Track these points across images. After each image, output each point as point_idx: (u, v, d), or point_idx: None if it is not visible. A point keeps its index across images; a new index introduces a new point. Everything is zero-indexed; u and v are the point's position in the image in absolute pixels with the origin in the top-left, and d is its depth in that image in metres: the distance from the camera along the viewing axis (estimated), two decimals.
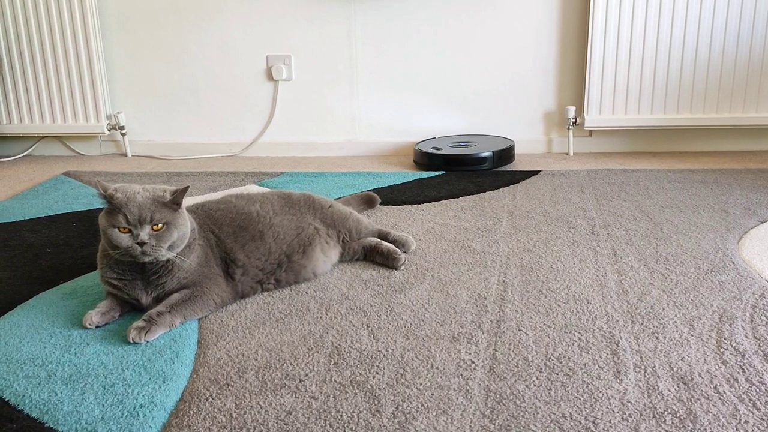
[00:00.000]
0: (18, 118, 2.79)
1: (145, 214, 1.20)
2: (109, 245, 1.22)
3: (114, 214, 1.20)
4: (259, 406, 1.00)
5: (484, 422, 0.94)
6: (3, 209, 2.05)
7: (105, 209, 1.23)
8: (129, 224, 1.19)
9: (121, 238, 1.20)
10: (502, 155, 2.42)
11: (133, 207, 1.20)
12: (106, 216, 1.22)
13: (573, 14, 2.56)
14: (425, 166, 2.44)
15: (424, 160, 2.46)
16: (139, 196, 1.21)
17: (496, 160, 2.39)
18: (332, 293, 1.38)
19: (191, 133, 2.82)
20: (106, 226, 1.21)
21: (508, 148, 2.46)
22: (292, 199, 1.53)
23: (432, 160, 2.43)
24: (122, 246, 1.20)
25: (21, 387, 1.06)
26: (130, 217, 1.19)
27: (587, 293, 1.35)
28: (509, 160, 2.46)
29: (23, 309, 1.35)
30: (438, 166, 2.41)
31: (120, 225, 1.19)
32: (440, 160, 2.42)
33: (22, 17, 2.67)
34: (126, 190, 1.22)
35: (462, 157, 2.40)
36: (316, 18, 2.66)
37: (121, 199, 1.21)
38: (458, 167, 2.38)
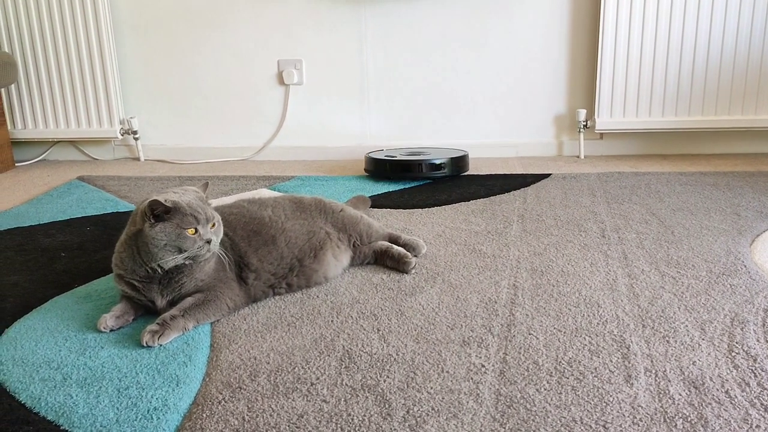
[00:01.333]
0: (33, 123, 2.82)
1: (208, 213, 1.26)
2: (175, 250, 1.23)
3: (181, 218, 1.22)
4: (271, 409, 1.00)
5: (495, 426, 0.95)
6: (18, 213, 2.08)
7: (163, 219, 1.22)
8: (198, 224, 1.23)
9: (191, 240, 1.23)
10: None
11: (197, 208, 1.24)
12: (170, 224, 1.22)
13: (583, 18, 2.56)
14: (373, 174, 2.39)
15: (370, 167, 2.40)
16: (192, 198, 1.26)
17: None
18: (343, 297, 1.39)
19: (203, 138, 2.84)
20: (177, 232, 1.22)
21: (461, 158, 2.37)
22: (304, 204, 1.54)
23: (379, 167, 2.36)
24: (193, 247, 1.23)
25: (37, 390, 1.08)
26: (199, 218, 1.23)
27: (598, 297, 1.35)
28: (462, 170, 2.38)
29: (39, 312, 1.37)
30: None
31: (190, 227, 1.22)
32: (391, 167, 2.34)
33: (37, 24, 2.70)
34: (177, 197, 1.25)
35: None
36: (327, 23, 2.67)
37: (184, 203, 1.24)
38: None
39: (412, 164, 2.32)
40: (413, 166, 2.32)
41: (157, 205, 1.21)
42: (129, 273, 1.29)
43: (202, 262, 1.29)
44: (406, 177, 2.33)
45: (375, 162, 2.38)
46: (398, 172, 2.33)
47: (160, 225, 1.23)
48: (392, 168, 2.34)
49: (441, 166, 2.31)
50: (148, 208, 1.21)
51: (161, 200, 1.21)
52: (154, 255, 1.24)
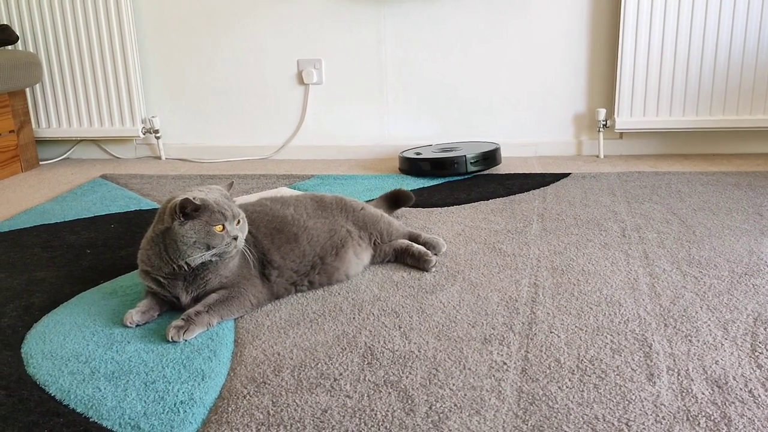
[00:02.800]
0: (56, 122, 2.87)
1: (235, 210, 1.29)
2: (205, 248, 1.25)
3: (210, 216, 1.25)
4: (296, 404, 1.02)
5: (517, 423, 0.95)
6: (44, 211, 2.11)
7: (192, 217, 1.24)
8: (226, 221, 1.25)
9: (219, 237, 1.25)
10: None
11: (224, 205, 1.27)
12: (198, 221, 1.24)
13: (603, 17, 2.55)
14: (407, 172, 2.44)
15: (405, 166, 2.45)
16: (218, 196, 1.29)
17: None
18: (364, 294, 1.40)
19: (223, 137, 2.87)
20: (207, 229, 1.24)
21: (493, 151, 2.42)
22: (325, 202, 1.56)
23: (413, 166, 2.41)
24: (221, 244, 1.25)
25: (66, 383, 1.10)
26: (227, 215, 1.26)
27: (619, 296, 1.35)
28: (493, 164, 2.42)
29: (66, 308, 1.39)
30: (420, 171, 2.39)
31: (218, 224, 1.25)
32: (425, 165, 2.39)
33: (61, 25, 2.75)
34: (203, 195, 1.28)
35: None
36: (347, 22, 2.69)
37: (211, 201, 1.26)
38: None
39: (447, 161, 2.35)
40: (447, 163, 2.35)
41: (188, 204, 1.23)
42: (155, 270, 1.31)
43: (227, 260, 1.31)
44: (443, 174, 2.36)
45: (410, 161, 2.42)
46: (437, 169, 2.36)
47: (189, 223, 1.25)
48: (431, 165, 2.38)
49: (476, 162, 2.35)
50: (179, 206, 1.23)
51: (191, 198, 1.23)
52: (182, 252, 1.26)
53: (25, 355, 1.20)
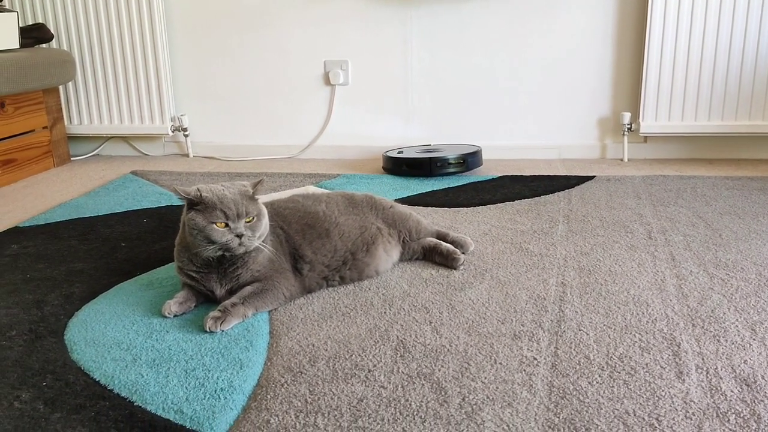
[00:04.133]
0: (88, 119, 2.93)
1: (241, 209, 1.28)
2: (206, 241, 1.27)
3: (209, 212, 1.27)
4: (332, 393, 1.05)
5: (549, 416, 0.98)
6: (78, 205, 2.17)
7: (194, 210, 1.28)
8: (228, 219, 1.27)
9: (219, 233, 1.26)
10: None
11: (228, 203, 1.27)
12: (200, 215, 1.27)
13: (629, 20, 2.57)
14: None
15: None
16: (229, 193, 1.29)
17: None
18: (394, 290, 1.43)
19: (250, 135, 2.92)
20: (204, 224, 1.26)
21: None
22: (355, 200, 1.59)
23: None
24: (220, 240, 1.27)
25: (110, 369, 1.14)
26: (228, 213, 1.27)
27: (646, 296, 1.37)
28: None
29: (105, 298, 1.44)
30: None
31: (218, 221, 1.27)
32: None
33: (94, 24, 2.81)
34: (212, 190, 1.29)
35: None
36: (373, 24, 2.72)
37: (213, 198, 1.28)
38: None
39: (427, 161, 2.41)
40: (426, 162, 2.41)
41: (180, 193, 1.28)
42: (186, 264, 1.35)
43: (254, 254, 1.33)
44: (422, 174, 2.41)
45: (391, 160, 2.48)
46: (415, 169, 2.41)
47: (192, 213, 1.29)
48: (407, 165, 2.43)
49: (454, 163, 2.40)
50: (185, 197, 1.29)
51: (181, 190, 1.28)
52: (191, 243, 1.30)
53: (69, 341, 1.25)
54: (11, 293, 1.47)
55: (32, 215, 2.09)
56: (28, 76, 2.52)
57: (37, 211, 2.13)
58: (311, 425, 0.97)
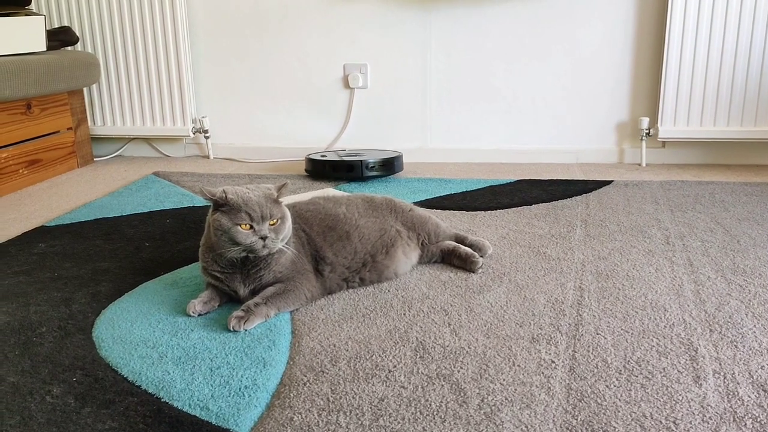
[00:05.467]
0: (111, 120, 2.98)
1: (265, 211, 1.30)
2: (230, 242, 1.30)
3: (234, 214, 1.29)
4: (353, 392, 1.07)
5: (567, 418, 0.99)
6: (102, 205, 2.21)
7: (219, 211, 1.31)
8: (252, 221, 1.29)
9: (244, 234, 1.29)
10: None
11: (253, 206, 1.30)
12: (225, 216, 1.30)
13: (649, 25, 2.57)
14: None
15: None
16: (254, 195, 1.32)
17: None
18: (413, 292, 1.45)
19: (270, 138, 2.95)
20: (229, 226, 1.29)
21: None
22: (375, 203, 1.61)
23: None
24: (245, 242, 1.29)
25: (137, 366, 1.17)
26: (253, 215, 1.29)
27: (664, 301, 1.38)
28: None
29: (130, 297, 1.47)
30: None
31: (242, 223, 1.29)
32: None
33: (119, 28, 2.86)
34: (238, 192, 1.32)
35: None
36: (393, 28, 2.75)
37: (238, 200, 1.30)
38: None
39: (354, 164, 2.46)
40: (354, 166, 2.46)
41: (205, 194, 1.31)
42: (210, 265, 1.38)
43: (277, 255, 1.36)
44: (341, 177, 2.48)
45: (314, 163, 2.54)
46: (336, 172, 2.48)
47: (217, 214, 1.32)
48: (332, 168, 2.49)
49: (374, 167, 2.46)
50: (210, 199, 1.31)
51: (207, 191, 1.31)
52: (215, 244, 1.33)
53: (97, 338, 1.28)
54: (40, 291, 1.51)
55: (58, 215, 2.13)
56: (54, 78, 2.57)
57: (62, 211, 2.18)
58: (334, 423, 0.99)
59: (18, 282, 1.56)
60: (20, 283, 1.55)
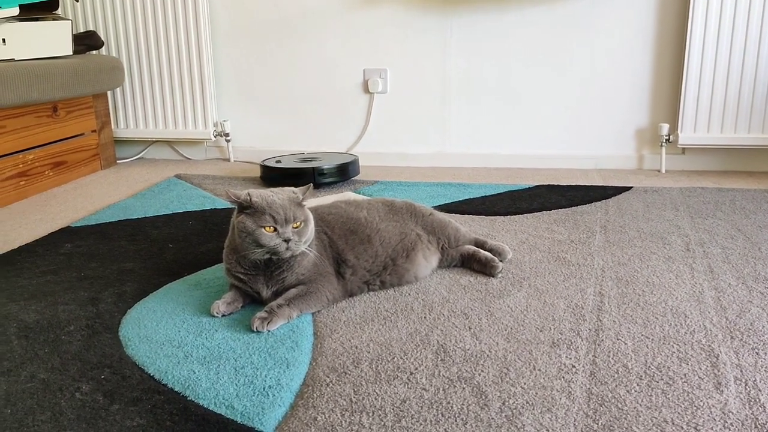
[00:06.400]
0: (134, 123, 3.03)
1: (289, 214, 1.32)
2: (254, 244, 1.32)
3: (258, 216, 1.32)
4: (375, 393, 1.09)
5: (588, 422, 1.00)
6: (125, 206, 2.25)
7: (244, 213, 1.34)
8: (276, 224, 1.31)
9: (268, 237, 1.31)
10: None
11: (277, 208, 1.32)
12: (249, 218, 1.32)
13: (669, 31, 2.57)
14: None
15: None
16: (278, 198, 1.34)
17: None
18: (434, 296, 1.47)
19: (289, 141, 2.98)
20: (253, 228, 1.31)
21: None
22: (396, 207, 1.63)
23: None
24: (268, 244, 1.31)
25: (163, 364, 1.20)
26: (277, 218, 1.31)
27: (684, 308, 1.38)
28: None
29: (155, 297, 1.50)
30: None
31: (266, 225, 1.31)
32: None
33: (143, 33, 2.91)
34: (262, 195, 1.35)
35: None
36: (413, 33, 2.76)
37: (263, 202, 1.33)
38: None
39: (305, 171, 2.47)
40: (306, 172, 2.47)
41: (231, 197, 1.34)
42: (234, 266, 1.40)
43: (299, 258, 1.38)
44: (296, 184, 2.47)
45: (268, 169, 2.53)
46: (290, 179, 2.45)
47: (242, 216, 1.34)
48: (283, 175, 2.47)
49: (328, 173, 2.47)
50: (235, 201, 1.34)
51: (232, 193, 1.33)
52: (239, 245, 1.35)
53: (123, 337, 1.31)
54: (67, 290, 1.54)
55: (83, 216, 2.17)
56: (80, 81, 2.62)
57: (87, 212, 2.22)
58: (357, 424, 1.01)
59: (46, 281, 1.60)
60: (48, 283, 1.59)
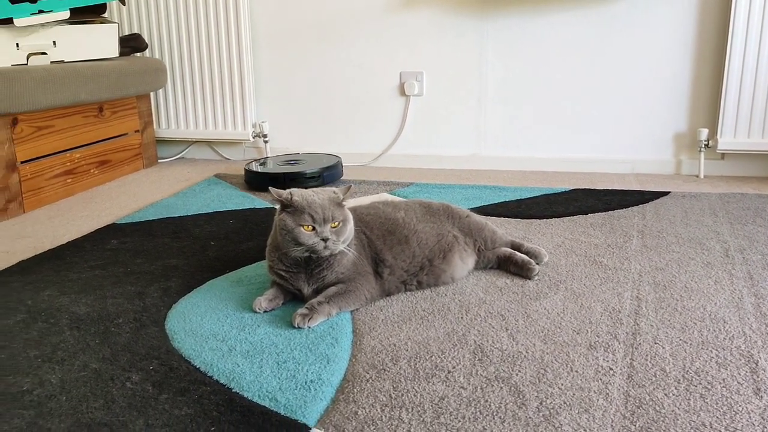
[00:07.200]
0: (175, 124, 3.10)
1: (328, 214, 1.36)
2: (293, 242, 1.36)
3: (298, 215, 1.35)
4: (414, 390, 1.11)
5: (625, 423, 1.01)
6: (168, 205, 2.31)
7: (285, 212, 1.38)
8: (315, 223, 1.35)
9: (306, 235, 1.35)
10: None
11: (317, 208, 1.35)
12: (290, 217, 1.36)
13: (709, 36, 2.54)
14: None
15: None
16: (318, 198, 1.37)
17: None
18: (470, 297, 1.49)
19: (326, 143, 3.02)
20: (293, 226, 1.35)
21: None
22: (432, 208, 1.65)
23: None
24: (307, 243, 1.35)
25: (208, 357, 1.24)
26: (315, 217, 1.35)
27: (723, 313, 1.37)
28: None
29: (199, 292, 1.55)
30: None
31: (306, 224, 1.35)
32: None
33: (185, 36, 2.98)
34: (303, 194, 1.38)
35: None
36: (450, 37, 2.78)
37: (303, 202, 1.36)
38: None
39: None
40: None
41: (273, 195, 1.37)
42: (276, 263, 1.44)
43: (339, 257, 1.41)
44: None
45: (255, 174, 2.57)
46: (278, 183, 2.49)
47: (283, 215, 1.38)
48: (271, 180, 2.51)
49: (313, 177, 2.52)
50: (277, 199, 1.38)
51: (274, 191, 1.36)
52: (281, 243, 1.39)
53: (170, 331, 1.35)
54: (115, 284, 1.60)
55: (127, 213, 2.24)
56: (125, 83, 2.70)
57: (131, 210, 2.29)
58: (396, 419, 1.04)
59: (94, 276, 1.66)
60: (96, 277, 1.65)
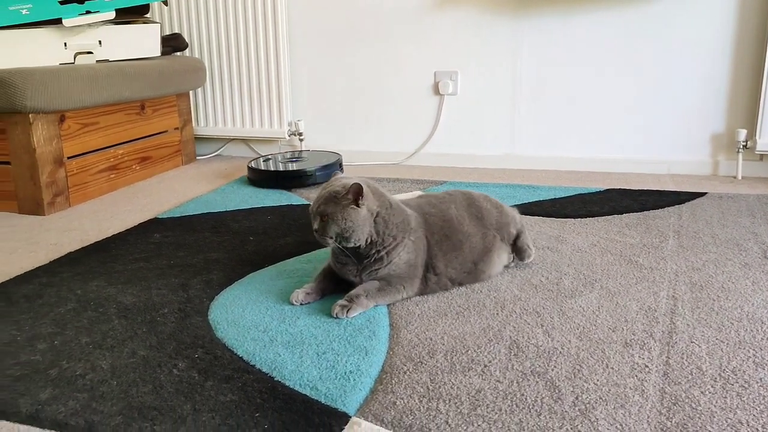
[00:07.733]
0: (213, 121, 3.17)
1: (314, 208, 1.40)
2: (364, 233, 1.41)
3: (369, 205, 1.41)
4: (451, 382, 1.14)
5: (661, 419, 1.02)
6: (208, 200, 2.37)
7: (359, 205, 1.40)
8: (311, 215, 1.42)
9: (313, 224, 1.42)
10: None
11: (313, 202, 1.42)
12: (365, 209, 1.41)
13: (748, 36, 2.51)
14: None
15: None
16: (324, 191, 1.41)
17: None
18: (505, 294, 1.50)
19: (360, 141, 3.06)
20: (367, 216, 1.40)
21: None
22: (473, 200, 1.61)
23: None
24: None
25: (250, 347, 1.28)
26: (311, 209, 1.42)
27: (761, 314, 1.37)
28: None
29: (240, 285, 1.59)
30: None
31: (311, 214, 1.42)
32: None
33: (224, 36, 3.05)
34: (325, 185, 1.43)
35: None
36: (484, 37, 2.80)
37: (318, 192, 1.43)
38: None
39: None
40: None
41: (360, 190, 1.37)
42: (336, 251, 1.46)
43: (395, 257, 1.42)
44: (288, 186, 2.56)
45: (259, 172, 2.60)
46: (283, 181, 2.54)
47: (359, 208, 1.38)
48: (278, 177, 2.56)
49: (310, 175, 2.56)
50: (354, 191, 1.37)
51: (364, 186, 1.38)
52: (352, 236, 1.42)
53: (213, 321, 1.40)
54: (159, 276, 1.65)
55: (168, 208, 2.30)
56: (166, 81, 2.77)
57: (171, 205, 2.35)
58: (434, 410, 1.06)
59: (139, 267, 1.72)
60: (141, 269, 1.71)
